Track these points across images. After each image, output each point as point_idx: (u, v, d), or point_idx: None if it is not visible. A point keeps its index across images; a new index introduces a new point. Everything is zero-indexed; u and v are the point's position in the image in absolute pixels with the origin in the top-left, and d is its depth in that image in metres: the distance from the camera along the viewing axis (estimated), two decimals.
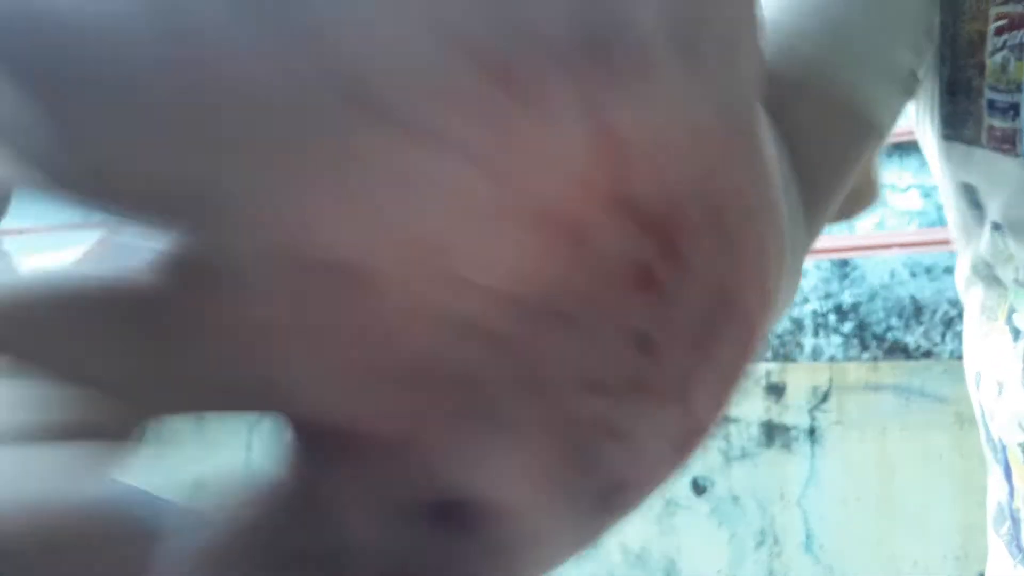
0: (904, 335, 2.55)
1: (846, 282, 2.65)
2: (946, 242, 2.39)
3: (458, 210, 0.14)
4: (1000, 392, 0.57)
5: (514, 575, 0.20)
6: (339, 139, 0.13)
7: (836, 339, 2.64)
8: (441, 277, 0.14)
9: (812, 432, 2.45)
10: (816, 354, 2.66)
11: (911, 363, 2.42)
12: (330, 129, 0.13)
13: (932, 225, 2.57)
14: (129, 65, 0.12)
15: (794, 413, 2.48)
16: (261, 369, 0.14)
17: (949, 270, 2.60)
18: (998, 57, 0.47)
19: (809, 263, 2.67)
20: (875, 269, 2.61)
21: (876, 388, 2.39)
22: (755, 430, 2.53)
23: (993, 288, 0.58)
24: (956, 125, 0.51)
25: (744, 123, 0.18)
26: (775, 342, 2.72)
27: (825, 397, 2.45)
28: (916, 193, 2.60)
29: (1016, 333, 0.56)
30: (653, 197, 0.16)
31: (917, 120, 0.57)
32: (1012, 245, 0.53)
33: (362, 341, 0.14)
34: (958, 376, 2.23)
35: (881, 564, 2.33)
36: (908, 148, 2.62)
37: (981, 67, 0.48)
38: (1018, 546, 0.55)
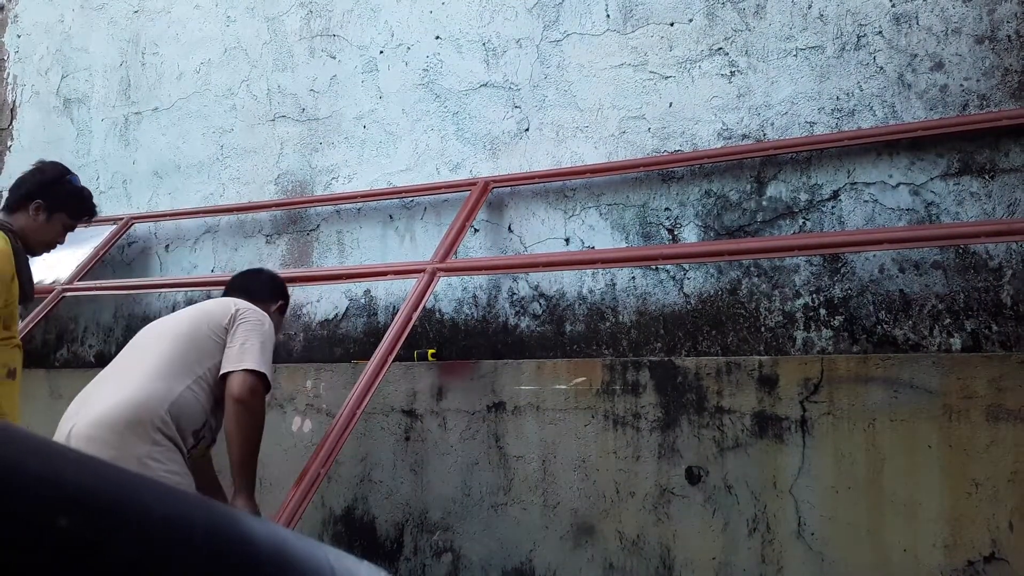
0: (893, 328, 2.59)
1: (836, 277, 2.69)
2: (934, 238, 2.45)
3: None
4: None
5: None
6: None
7: (827, 332, 2.68)
8: None
9: (803, 423, 2.48)
10: (807, 347, 2.70)
11: (900, 356, 2.45)
12: None
13: (921, 222, 2.61)
14: None
15: (786, 404, 2.51)
16: None
17: (937, 265, 2.66)
18: None
19: (801, 258, 2.71)
20: (865, 264, 2.65)
21: (866, 380, 2.42)
22: (748, 421, 2.56)
23: None
24: None
25: None
26: (767, 335, 2.76)
27: (816, 389, 2.48)
28: (905, 190, 2.64)
29: None
30: None
31: None
32: None
33: None
34: (946, 368, 2.28)
35: (871, 552, 2.36)
36: (897, 146, 2.66)
37: None
38: None
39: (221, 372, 2.24)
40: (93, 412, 2.12)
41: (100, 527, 0.43)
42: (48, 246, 2.78)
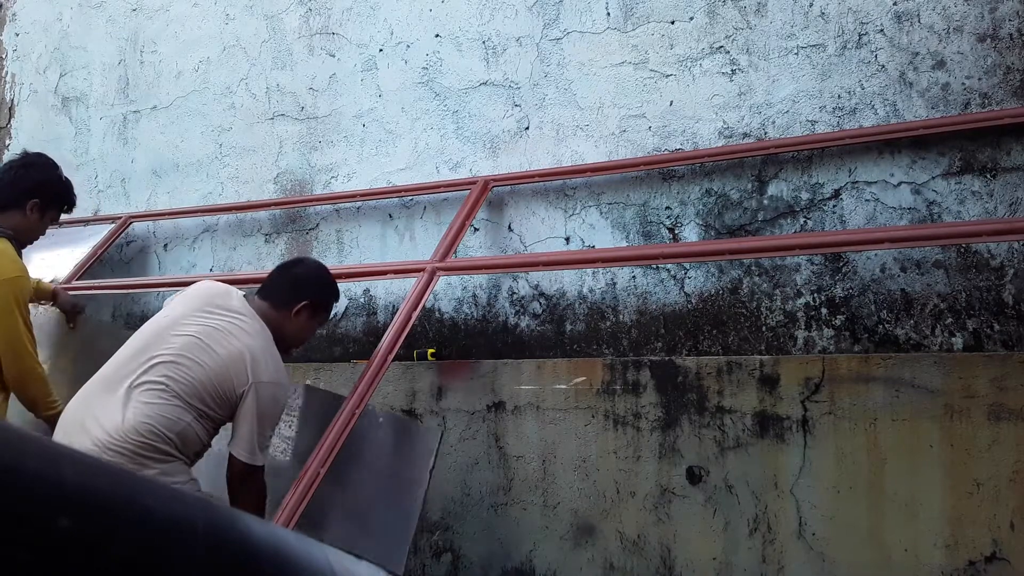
0: (895, 328, 2.58)
1: (838, 276, 2.69)
2: (936, 237, 2.44)
3: None
4: None
5: None
6: None
7: (828, 332, 2.68)
8: None
9: (805, 422, 2.48)
10: (809, 346, 2.69)
11: (901, 355, 2.44)
12: None
13: (922, 221, 2.60)
14: None
15: (787, 404, 2.51)
16: None
17: (939, 264, 2.66)
18: None
19: (802, 257, 2.71)
20: (866, 263, 2.65)
21: (867, 380, 2.41)
22: (749, 420, 2.56)
23: None
24: None
25: None
26: (768, 335, 2.76)
27: (817, 388, 2.47)
28: (907, 189, 2.64)
29: None
30: None
31: None
32: None
33: None
34: (948, 368, 2.27)
35: (872, 551, 2.35)
36: (899, 145, 2.66)
37: None
38: None
39: (228, 446, 2.23)
40: (97, 431, 2.07)
41: (100, 527, 0.42)
42: (33, 241, 2.77)
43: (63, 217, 3.17)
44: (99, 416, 2.12)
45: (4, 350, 2.55)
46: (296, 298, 2.41)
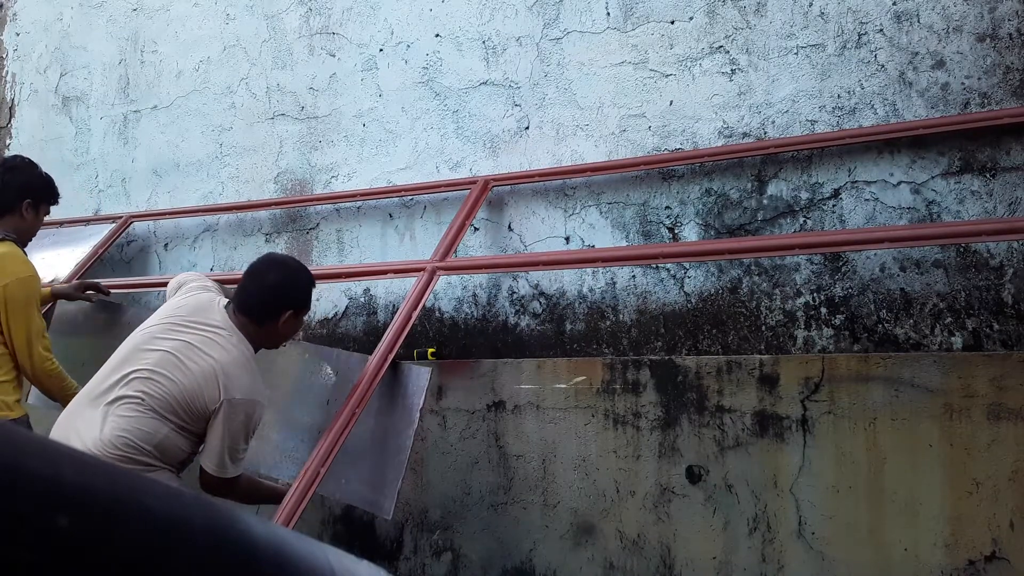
0: (894, 327, 2.58)
1: (837, 275, 2.69)
2: (935, 237, 2.44)
3: None
4: None
5: None
6: None
7: (828, 331, 2.68)
8: None
9: (804, 422, 2.48)
10: (808, 346, 2.70)
11: (901, 355, 2.44)
12: None
13: (922, 221, 2.60)
14: None
15: (787, 403, 2.51)
16: None
17: (938, 264, 2.65)
18: None
19: (802, 257, 2.71)
20: (866, 263, 2.65)
21: (867, 379, 2.41)
22: (748, 420, 2.56)
23: None
24: None
25: None
26: (768, 334, 2.76)
27: (817, 388, 2.48)
28: (906, 189, 2.64)
29: None
30: None
31: None
32: None
33: None
34: (947, 367, 2.27)
35: (872, 551, 2.35)
36: (899, 144, 2.65)
37: None
38: None
39: (199, 456, 2.26)
40: (77, 445, 2.07)
41: (100, 527, 0.42)
42: (31, 240, 2.88)
43: (64, 217, 3.20)
44: (80, 430, 2.15)
45: (19, 346, 2.69)
46: (278, 311, 2.33)
